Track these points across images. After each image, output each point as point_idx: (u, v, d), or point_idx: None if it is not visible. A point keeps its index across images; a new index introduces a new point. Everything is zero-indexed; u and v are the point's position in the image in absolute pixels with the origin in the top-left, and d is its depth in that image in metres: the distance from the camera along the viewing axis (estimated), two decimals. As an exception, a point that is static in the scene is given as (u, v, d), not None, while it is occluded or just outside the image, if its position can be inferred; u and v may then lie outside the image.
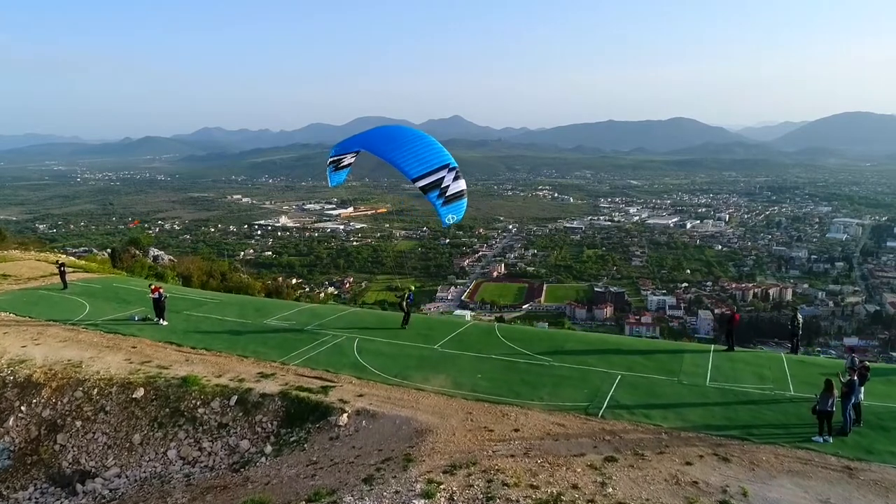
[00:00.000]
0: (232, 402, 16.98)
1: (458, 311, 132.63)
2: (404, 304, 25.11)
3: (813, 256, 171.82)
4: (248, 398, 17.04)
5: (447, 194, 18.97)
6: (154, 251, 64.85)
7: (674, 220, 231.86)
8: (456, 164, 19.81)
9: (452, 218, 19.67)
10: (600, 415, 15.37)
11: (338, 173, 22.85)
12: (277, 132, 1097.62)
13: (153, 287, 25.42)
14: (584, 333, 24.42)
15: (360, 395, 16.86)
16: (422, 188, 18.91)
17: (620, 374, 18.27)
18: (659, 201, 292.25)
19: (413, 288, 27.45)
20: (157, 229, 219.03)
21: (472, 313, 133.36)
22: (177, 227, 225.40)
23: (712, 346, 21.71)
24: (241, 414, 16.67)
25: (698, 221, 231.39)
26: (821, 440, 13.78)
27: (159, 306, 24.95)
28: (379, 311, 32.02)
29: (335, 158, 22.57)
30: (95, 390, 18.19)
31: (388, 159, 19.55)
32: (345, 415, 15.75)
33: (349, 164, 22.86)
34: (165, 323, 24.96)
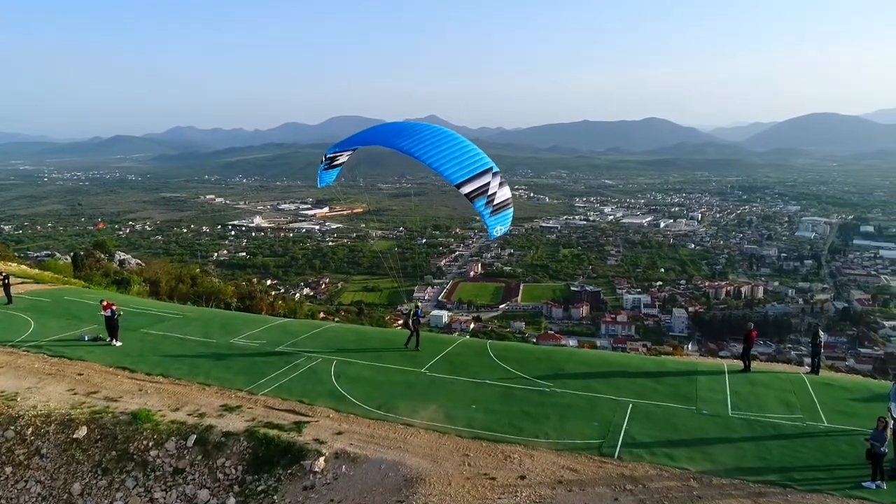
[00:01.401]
0: (190, 443, 14.65)
1: (435, 312, 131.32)
2: (410, 322, 22.39)
3: (783, 255, 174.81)
4: (208, 438, 14.72)
5: (494, 203, 17.19)
6: (120, 255, 61.93)
7: (648, 220, 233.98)
8: (498, 169, 17.97)
9: (501, 230, 17.96)
10: (616, 455, 13.47)
11: (328, 173, 20.79)
12: (251, 131, 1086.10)
13: (105, 303, 22.74)
14: (585, 352, 22.21)
15: (339, 433, 14.69)
16: (467, 195, 17.01)
17: (631, 402, 16.38)
18: (633, 201, 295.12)
19: (420, 304, 24.40)
20: (128, 230, 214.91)
21: (450, 313, 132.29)
22: (148, 228, 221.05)
23: (725, 364, 19.92)
24: (200, 457, 14.34)
25: (672, 221, 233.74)
26: (873, 486, 12.07)
27: (112, 325, 22.34)
28: (358, 327, 29.23)
29: (331, 156, 20.46)
30: (30, 429, 15.67)
31: (422, 159, 17.37)
32: (321, 458, 13.58)
33: (342, 164, 20.77)
34: (119, 344, 22.37)
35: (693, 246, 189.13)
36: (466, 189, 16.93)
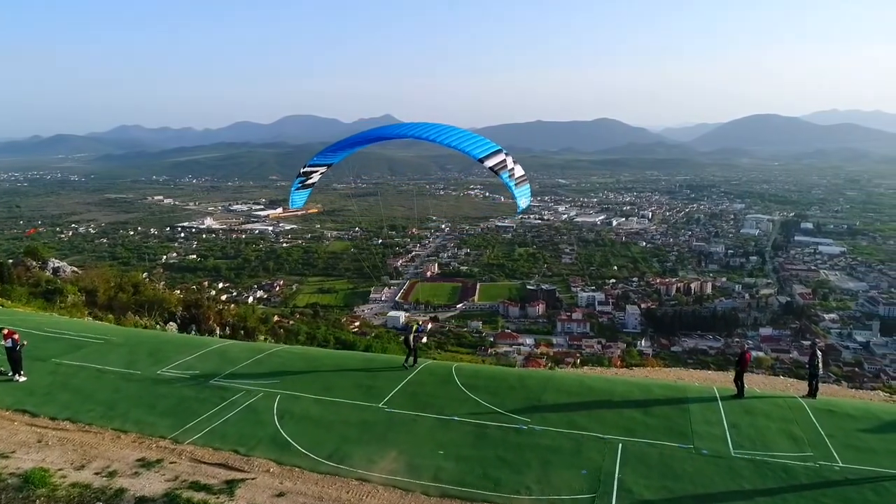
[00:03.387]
0: (94, 514, 11.89)
1: (392, 313, 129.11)
2: (411, 339, 20.74)
3: (730, 251, 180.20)
4: (118, 506, 11.98)
5: (516, 176, 18.46)
6: (54, 262, 57.35)
7: (601, 218, 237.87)
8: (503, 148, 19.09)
9: (525, 202, 19.13)
10: None
11: (300, 192, 20.40)
12: (201, 130, 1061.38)
13: (6, 331, 19.39)
14: (563, 377, 19.93)
15: (280, 495, 12.14)
16: (491, 168, 18.25)
17: (620, 440, 14.37)
18: (586, 200, 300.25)
19: (420, 322, 22.98)
20: (71, 233, 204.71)
21: (407, 314, 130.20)
22: (92, 231, 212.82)
23: (716, 389, 18.13)
24: (106, 533, 11.61)
25: (624, 219, 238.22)
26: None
27: (13, 357, 19.07)
28: (307, 350, 26.13)
29: (308, 170, 19.85)
30: None
31: (439, 141, 18.63)
32: (258, 531, 11.07)
33: (314, 184, 20.43)
34: (22, 379, 19.10)
35: (644, 244, 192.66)
36: (489, 163, 17.91)
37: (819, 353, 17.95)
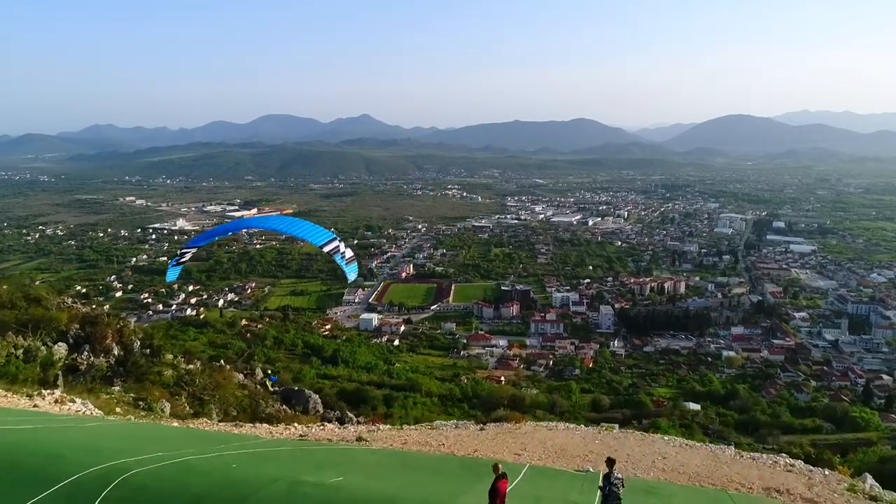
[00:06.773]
0: None
1: (364, 315, 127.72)
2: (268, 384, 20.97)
3: (703, 250, 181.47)
4: None
5: (346, 257, 22.85)
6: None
7: (577, 218, 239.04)
8: (338, 235, 24.07)
9: (353, 276, 23.72)
10: None
11: (175, 269, 24.08)
12: (176, 130, 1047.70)
13: None
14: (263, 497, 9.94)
15: None
16: (328, 252, 22.95)
17: None
18: (563, 199, 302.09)
19: (270, 371, 25.23)
20: (38, 235, 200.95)
21: (380, 316, 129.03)
22: (60, 233, 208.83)
23: None
24: None
25: (600, 218, 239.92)
26: None
27: None
28: (69, 429, 15.34)
29: (185, 251, 23.88)
30: None
31: (291, 233, 24.32)
32: None
33: (185, 262, 24.16)
34: None
35: (619, 243, 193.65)
36: (327, 248, 22.61)
37: (617, 475, 10.33)
